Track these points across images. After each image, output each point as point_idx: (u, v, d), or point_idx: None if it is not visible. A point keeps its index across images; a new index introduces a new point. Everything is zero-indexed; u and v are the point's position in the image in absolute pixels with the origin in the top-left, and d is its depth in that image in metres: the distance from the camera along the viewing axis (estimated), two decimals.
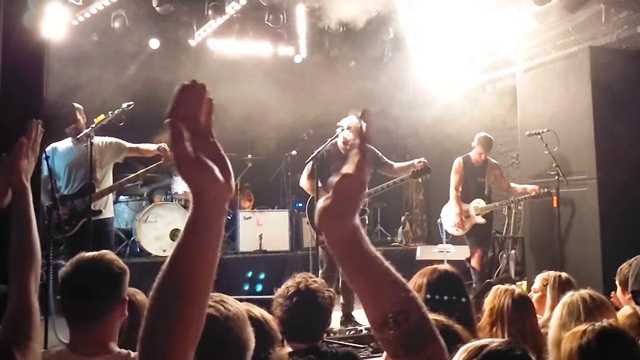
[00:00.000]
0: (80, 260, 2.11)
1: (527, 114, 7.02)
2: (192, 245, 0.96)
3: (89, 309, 2.03)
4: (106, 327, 2.04)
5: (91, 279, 2.04)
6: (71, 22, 7.54)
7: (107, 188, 5.49)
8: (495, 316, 2.70)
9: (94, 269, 2.07)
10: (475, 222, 6.87)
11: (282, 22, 8.30)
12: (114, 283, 2.08)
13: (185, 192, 8.30)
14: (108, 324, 2.04)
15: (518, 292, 2.80)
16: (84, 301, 2.02)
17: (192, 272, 0.96)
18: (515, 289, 2.82)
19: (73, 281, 2.05)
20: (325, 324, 2.49)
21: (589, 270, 5.90)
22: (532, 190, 6.55)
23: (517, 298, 2.74)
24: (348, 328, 5.45)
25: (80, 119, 5.33)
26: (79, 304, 2.03)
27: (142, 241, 7.76)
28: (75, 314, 2.05)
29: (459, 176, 7.00)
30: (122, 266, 2.14)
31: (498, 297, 2.76)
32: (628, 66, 6.18)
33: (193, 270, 0.96)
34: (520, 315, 2.63)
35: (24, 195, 1.83)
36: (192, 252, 0.96)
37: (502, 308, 2.70)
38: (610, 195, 6.04)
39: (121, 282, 2.10)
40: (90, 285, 2.03)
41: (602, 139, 6.06)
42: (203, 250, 0.96)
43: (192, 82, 0.99)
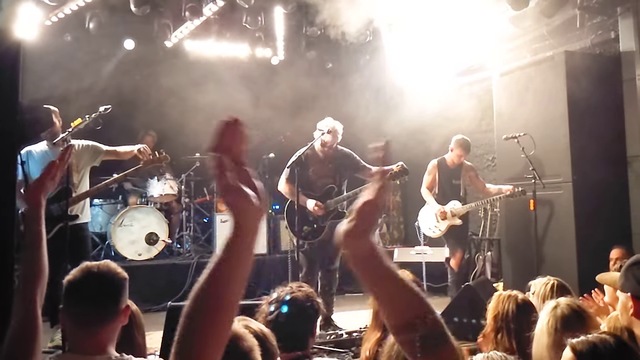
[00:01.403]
0: (86, 268, 2.20)
1: (503, 117, 7.10)
2: (231, 264, 1.07)
3: (95, 315, 2.11)
4: (107, 332, 2.12)
5: (99, 286, 2.14)
6: (44, 23, 7.38)
7: (84, 193, 5.40)
8: (500, 322, 2.68)
9: (100, 277, 2.16)
10: (452, 224, 6.92)
11: (260, 24, 8.25)
12: (118, 291, 2.18)
13: (160, 195, 8.21)
14: (110, 329, 2.13)
15: (522, 298, 2.78)
16: (90, 307, 2.10)
17: (228, 288, 1.06)
18: (518, 295, 2.80)
19: (80, 288, 2.13)
20: (313, 332, 2.47)
21: (564, 272, 5.93)
22: (507, 190, 6.61)
23: (522, 303, 2.73)
24: (328, 332, 5.44)
25: (57, 122, 5.23)
26: (85, 310, 2.10)
27: (117, 245, 7.65)
28: (81, 319, 2.11)
29: (431, 177, 7.08)
30: (124, 275, 2.24)
31: (502, 303, 2.74)
32: (602, 70, 6.29)
33: (229, 286, 1.07)
34: (526, 321, 2.60)
35: (38, 213, 1.89)
36: (230, 270, 1.07)
37: (506, 314, 2.69)
38: (586, 198, 6.14)
39: (124, 290, 2.20)
40: (97, 292, 2.12)
41: (577, 142, 6.16)
42: (240, 268, 1.08)
43: (233, 118, 1.11)
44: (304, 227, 5.93)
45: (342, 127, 6.08)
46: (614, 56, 6.54)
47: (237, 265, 1.07)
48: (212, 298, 1.05)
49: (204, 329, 1.04)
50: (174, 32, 8.52)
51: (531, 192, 6.28)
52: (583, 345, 1.84)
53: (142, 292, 6.56)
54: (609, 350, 1.82)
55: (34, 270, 1.82)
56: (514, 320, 2.66)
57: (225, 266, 1.06)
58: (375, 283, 1.17)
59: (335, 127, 6.01)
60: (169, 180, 8.23)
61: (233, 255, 1.07)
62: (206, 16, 7.97)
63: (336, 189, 6.05)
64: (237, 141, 1.09)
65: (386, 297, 1.18)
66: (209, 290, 1.05)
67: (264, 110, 8.34)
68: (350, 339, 5.10)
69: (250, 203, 1.07)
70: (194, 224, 8.71)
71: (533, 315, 2.55)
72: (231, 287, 1.06)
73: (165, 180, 8.19)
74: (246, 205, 1.07)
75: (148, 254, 7.80)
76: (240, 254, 1.08)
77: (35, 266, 1.83)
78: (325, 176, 6.04)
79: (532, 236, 6.28)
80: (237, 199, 1.06)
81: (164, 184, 8.17)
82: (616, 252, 5.53)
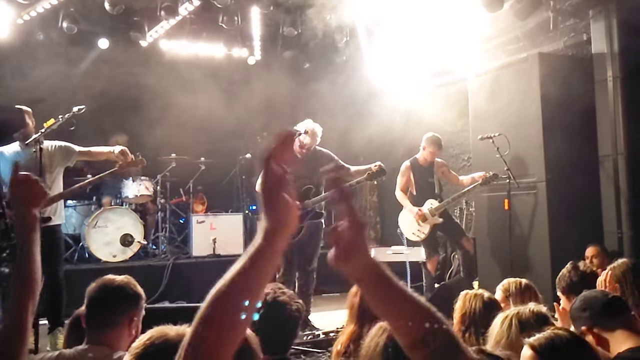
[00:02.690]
0: (104, 280, 2.53)
1: (479, 117, 7.17)
2: (257, 272, 1.05)
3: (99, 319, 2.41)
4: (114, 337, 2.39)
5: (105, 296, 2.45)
6: (16, 21, 7.26)
7: (57, 195, 5.31)
8: (468, 321, 2.69)
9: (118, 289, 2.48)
10: (434, 223, 6.94)
11: (236, 24, 8.21)
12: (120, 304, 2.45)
13: (135, 196, 8.12)
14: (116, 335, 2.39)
15: (487, 296, 2.80)
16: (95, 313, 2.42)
17: (249, 296, 1.04)
18: (484, 293, 2.82)
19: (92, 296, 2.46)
20: (294, 336, 2.46)
21: (538, 272, 6.07)
22: (480, 177, 6.65)
23: (488, 301, 2.75)
24: (305, 333, 5.44)
25: (30, 122, 5.14)
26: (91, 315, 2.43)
27: (91, 247, 7.56)
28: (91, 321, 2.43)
29: (405, 179, 7.11)
30: (138, 291, 2.54)
31: (468, 302, 2.76)
32: (575, 72, 6.38)
33: (251, 294, 1.04)
34: (492, 319, 2.62)
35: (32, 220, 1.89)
36: (256, 277, 1.05)
37: (473, 313, 2.70)
38: (559, 197, 6.23)
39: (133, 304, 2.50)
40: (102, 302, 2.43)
41: (551, 143, 6.23)
42: (265, 277, 1.07)
43: (292, 130, 1.14)
44: None
45: (321, 130, 6.09)
46: (586, 58, 6.63)
47: (263, 273, 1.06)
48: (232, 305, 1.03)
49: (220, 334, 1.02)
50: (149, 32, 8.44)
51: (505, 192, 6.34)
52: (540, 341, 1.88)
53: None
54: (565, 343, 1.86)
55: (26, 277, 1.83)
56: (480, 319, 2.67)
57: (251, 274, 1.04)
58: (381, 302, 1.13)
59: (314, 129, 6.02)
60: (144, 181, 8.15)
61: (260, 263, 1.05)
62: (182, 15, 7.91)
63: (314, 189, 6.06)
64: (289, 152, 1.08)
65: (394, 315, 1.14)
66: (230, 297, 1.03)
67: (240, 110, 8.31)
68: (327, 339, 5.10)
69: (292, 216, 1.07)
70: (170, 224, 8.64)
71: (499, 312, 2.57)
72: (253, 295, 1.04)
73: (141, 181, 8.10)
74: (290, 215, 1.07)
75: (123, 256, 7.71)
76: (268, 262, 1.06)
77: (27, 273, 1.83)
78: (303, 177, 6.04)
79: (506, 235, 6.35)
80: (283, 207, 1.06)
81: (139, 184, 8.09)
82: (591, 250, 5.61)
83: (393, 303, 1.12)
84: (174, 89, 8.11)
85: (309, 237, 6.02)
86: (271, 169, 1.05)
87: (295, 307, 2.42)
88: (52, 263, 5.05)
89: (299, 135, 5.92)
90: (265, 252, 1.05)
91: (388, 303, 1.13)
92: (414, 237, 7.08)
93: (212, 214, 8.64)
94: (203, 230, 8.27)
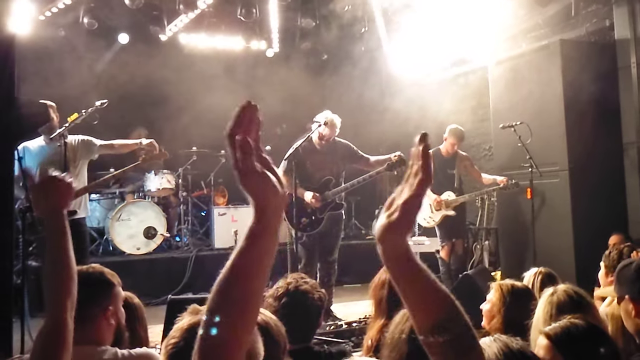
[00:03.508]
0: None
1: (499, 106, 7.11)
2: (255, 253, 1.02)
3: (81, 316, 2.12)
4: (94, 331, 2.23)
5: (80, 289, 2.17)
6: (38, 18, 7.35)
7: (82, 188, 5.38)
8: (504, 312, 2.69)
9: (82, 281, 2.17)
10: (445, 214, 6.96)
11: (254, 17, 8.23)
12: (96, 293, 2.26)
13: (158, 189, 8.21)
14: (96, 329, 2.24)
15: (521, 286, 2.79)
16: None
17: (253, 279, 1.02)
18: (517, 283, 2.81)
19: None
20: (316, 324, 2.47)
21: (561, 260, 6.01)
22: (501, 182, 6.65)
23: (522, 291, 2.74)
24: (328, 323, 5.45)
25: (54, 117, 5.21)
26: None
27: (115, 240, 7.65)
28: None
29: None
30: (107, 279, 2.32)
31: (502, 291, 2.75)
32: (597, 59, 6.30)
33: (254, 276, 1.02)
34: (526, 308, 2.61)
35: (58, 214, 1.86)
36: (255, 260, 1.02)
37: (507, 302, 2.70)
38: (582, 186, 6.16)
39: (104, 293, 2.29)
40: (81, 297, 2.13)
41: (574, 131, 6.17)
42: (264, 257, 1.03)
43: (249, 102, 1.05)
44: (302, 219, 5.94)
45: (340, 121, 6.08)
46: (608, 44, 6.54)
47: (261, 254, 1.02)
48: (236, 290, 1.01)
49: (229, 324, 0.99)
50: (168, 26, 8.49)
51: (528, 181, 6.30)
52: (556, 330, 1.87)
53: (141, 286, 6.53)
54: (581, 332, 1.86)
55: (61, 274, 1.79)
56: (514, 308, 2.66)
57: (248, 255, 1.01)
58: (406, 283, 1.12)
59: (333, 120, 6.01)
60: (166, 174, 8.22)
61: (256, 244, 1.02)
62: (200, 9, 7.95)
63: (334, 180, 6.06)
64: (254, 126, 1.04)
65: (417, 296, 1.12)
66: (233, 283, 1.01)
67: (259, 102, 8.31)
68: (350, 329, 5.11)
69: (275, 190, 1.02)
70: (192, 217, 8.71)
71: (532, 303, 2.56)
72: (256, 277, 1.02)
73: (163, 174, 8.18)
74: (270, 190, 1.02)
75: (146, 248, 7.80)
76: (264, 241, 1.02)
77: (62, 270, 1.79)
78: (323, 168, 6.04)
79: (529, 225, 6.31)
80: (260, 183, 1.01)
81: (161, 178, 8.16)
82: (615, 238, 5.55)
83: (418, 285, 1.11)
84: (193, 83, 8.15)
85: (330, 228, 6.03)
86: (238, 145, 1.00)
87: (317, 296, 2.44)
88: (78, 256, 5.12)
89: (319, 126, 5.93)
90: (258, 231, 1.02)
91: (414, 285, 1.11)
92: (424, 223, 7.15)
93: (233, 207, 8.69)
94: (224, 223, 8.34)
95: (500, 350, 1.58)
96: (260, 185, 1.01)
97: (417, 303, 1.12)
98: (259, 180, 1.01)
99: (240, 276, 1.01)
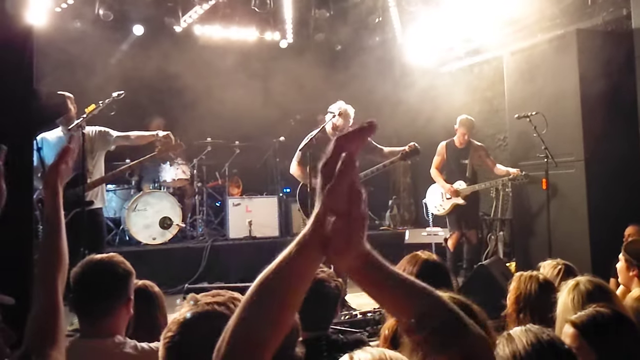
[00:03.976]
0: (89, 261, 2.33)
1: (515, 96, 7.07)
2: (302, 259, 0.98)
3: (95, 305, 2.25)
4: (110, 321, 2.26)
5: (100, 280, 2.26)
6: (54, 10, 7.41)
7: (99, 179, 5.45)
8: (523, 303, 2.68)
9: (103, 271, 2.28)
10: (455, 203, 7.04)
11: (268, 8, 8.23)
12: (120, 284, 2.29)
13: (173, 179, 8.27)
14: (112, 319, 2.27)
15: (543, 277, 2.78)
16: (92, 301, 2.25)
17: (296, 286, 0.99)
18: (539, 275, 2.80)
19: (82, 280, 2.27)
20: (332, 313, 2.50)
21: (577, 251, 5.98)
22: (513, 173, 6.70)
23: (543, 283, 2.73)
24: (343, 313, 5.48)
25: (72, 108, 5.27)
26: (88, 303, 2.27)
27: (131, 230, 7.73)
28: (83, 309, 2.30)
29: (440, 158, 7.29)
30: (128, 268, 2.34)
31: (523, 283, 2.75)
32: (614, 48, 6.23)
33: (298, 281, 1.00)
34: (547, 300, 2.61)
35: (55, 199, 1.85)
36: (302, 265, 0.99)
37: (528, 294, 2.69)
38: (598, 176, 6.12)
39: (127, 284, 2.32)
40: (98, 286, 2.25)
41: (590, 121, 6.12)
42: (311, 263, 1.00)
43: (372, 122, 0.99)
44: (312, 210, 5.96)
45: (353, 111, 6.09)
46: (626, 33, 6.46)
47: (309, 261, 0.98)
48: (277, 296, 0.98)
49: (262, 327, 0.97)
50: (183, 17, 8.52)
51: (543, 172, 6.27)
52: (582, 319, 1.88)
53: (157, 275, 6.57)
54: (607, 320, 1.87)
55: (54, 256, 1.79)
56: (535, 300, 2.66)
57: (296, 262, 0.97)
58: (375, 291, 1.06)
59: (346, 110, 6.02)
60: (181, 165, 8.29)
61: (306, 252, 0.98)
62: (215, 0, 7.96)
63: None
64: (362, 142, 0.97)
65: (388, 302, 1.08)
66: (276, 284, 0.98)
67: (273, 93, 8.35)
68: (365, 319, 5.15)
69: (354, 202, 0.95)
70: (207, 207, 8.78)
71: (553, 295, 2.57)
72: (300, 285, 0.99)
73: (178, 165, 8.25)
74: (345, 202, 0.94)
75: (162, 238, 7.88)
76: (315, 251, 0.98)
77: (54, 253, 1.79)
78: None
79: (544, 215, 6.28)
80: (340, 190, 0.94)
81: (176, 168, 8.23)
82: (631, 229, 5.51)
83: (384, 291, 1.05)
84: (207, 74, 8.18)
85: None
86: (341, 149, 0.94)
87: (334, 285, 2.46)
88: (95, 245, 5.20)
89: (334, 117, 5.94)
90: (312, 240, 0.96)
91: (379, 292, 1.05)
92: (435, 210, 7.31)
93: (248, 197, 8.74)
94: (239, 213, 8.40)
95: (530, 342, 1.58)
96: (342, 194, 0.94)
97: (389, 307, 1.10)
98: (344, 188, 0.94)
99: (283, 280, 0.98)
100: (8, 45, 3.89)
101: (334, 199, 0.94)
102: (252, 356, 0.98)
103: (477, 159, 7.18)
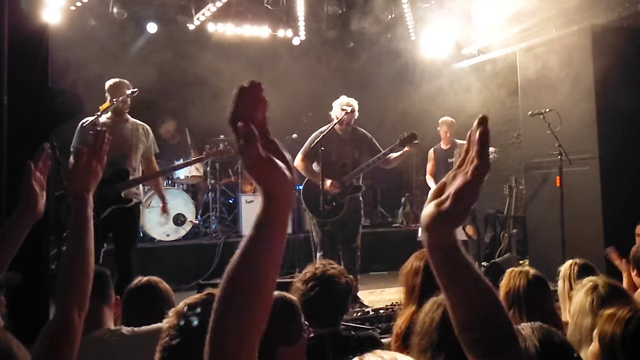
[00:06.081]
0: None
1: (528, 93, 7.03)
2: (265, 241, 0.97)
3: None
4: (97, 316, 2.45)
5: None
6: (68, 8, 7.46)
7: (140, 177, 5.43)
8: (512, 299, 2.66)
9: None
10: None
11: (281, 5, 8.24)
12: (101, 286, 2.42)
13: (187, 176, 8.31)
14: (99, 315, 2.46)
15: (533, 273, 2.75)
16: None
17: (265, 267, 0.97)
18: (529, 270, 2.78)
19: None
20: (343, 309, 2.51)
21: (590, 249, 5.92)
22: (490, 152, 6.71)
23: (533, 279, 2.70)
24: (355, 309, 5.49)
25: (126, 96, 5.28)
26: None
27: (146, 226, 7.79)
28: None
29: (431, 163, 7.51)
30: (105, 271, 2.58)
31: (513, 279, 2.72)
32: (630, 44, 6.18)
33: (266, 264, 0.98)
34: (537, 296, 2.59)
35: (80, 207, 1.72)
36: (266, 248, 0.97)
37: (518, 290, 2.67)
38: (612, 174, 6.08)
39: (107, 284, 2.55)
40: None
41: (604, 118, 6.08)
42: (276, 245, 0.98)
43: (251, 82, 0.97)
44: (324, 207, 5.97)
45: (357, 103, 6.11)
46: None
47: (271, 242, 0.97)
48: (247, 280, 0.96)
49: (240, 313, 0.95)
50: (196, 15, 8.55)
51: (557, 169, 6.22)
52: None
53: (171, 271, 6.69)
54: None
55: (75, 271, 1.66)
56: (525, 296, 2.64)
57: (259, 244, 0.96)
58: (450, 275, 1.05)
59: (351, 104, 6.04)
60: None
61: (267, 232, 0.97)
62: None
63: (349, 164, 6.08)
64: (259, 108, 0.96)
65: (459, 290, 1.06)
66: (243, 272, 0.96)
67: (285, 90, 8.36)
68: (377, 316, 5.15)
69: (284, 176, 0.96)
70: (220, 204, 8.81)
71: (545, 290, 2.55)
72: (266, 266, 0.97)
73: None
74: (279, 179, 0.96)
75: (176, 235, 7.93)
76: (275, 229, 0.97)
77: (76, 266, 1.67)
78: (344, 154, 6.07)
79: (558, 213, 6.23)
80: (267, 170, 0.95)
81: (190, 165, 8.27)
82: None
83: (461, 278, 1.05)
84: (220, 71, 8.19)
85: (351, 215, 6.05)
86: (241, 133, 0.94)
87: (344, 281, 2.47)
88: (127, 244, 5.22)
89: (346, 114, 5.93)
90: (267, 219, 0.96)
91: (457, 277, 1.05)
92: None
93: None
94: (252, 210, 8.41)
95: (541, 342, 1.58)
96: (267, 172, 0.96)
97: (458, 297, 1.06)
98: (265, 167, 0.95)
99: (251, 266, 0.97)
100: (24, 43, 3.94)
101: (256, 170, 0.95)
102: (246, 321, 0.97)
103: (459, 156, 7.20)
